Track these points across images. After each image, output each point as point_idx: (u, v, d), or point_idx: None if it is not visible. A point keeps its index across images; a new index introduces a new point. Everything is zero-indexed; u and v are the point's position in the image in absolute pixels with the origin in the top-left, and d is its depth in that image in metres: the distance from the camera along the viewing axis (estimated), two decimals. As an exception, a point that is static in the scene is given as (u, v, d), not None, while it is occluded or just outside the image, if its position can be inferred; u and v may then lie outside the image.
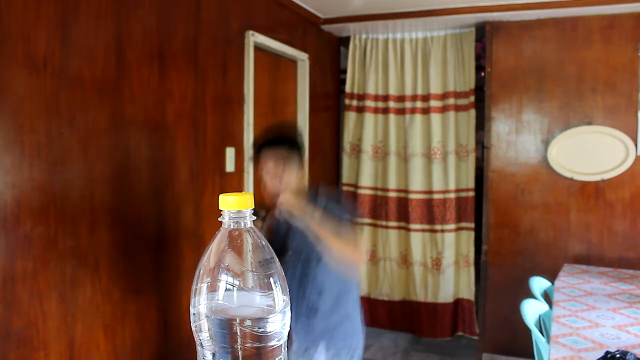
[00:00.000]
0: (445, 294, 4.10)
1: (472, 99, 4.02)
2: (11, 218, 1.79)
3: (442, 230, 4.09)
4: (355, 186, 4.31)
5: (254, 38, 3.10)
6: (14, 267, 1.80)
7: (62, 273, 1.97)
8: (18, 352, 1.81)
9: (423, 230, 4.14)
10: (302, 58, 3.76)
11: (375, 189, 4.29)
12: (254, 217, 0.64)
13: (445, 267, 4.11)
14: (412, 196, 4.13)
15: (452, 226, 4.10)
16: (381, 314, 4.33)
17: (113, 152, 2.20)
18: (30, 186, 1.85)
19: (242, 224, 0.62)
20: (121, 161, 2.24)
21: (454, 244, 4.11)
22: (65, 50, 1.96)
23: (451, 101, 4.05)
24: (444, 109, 4.07)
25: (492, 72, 3.83)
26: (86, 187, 2.07)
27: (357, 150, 4.32)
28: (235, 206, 0.62)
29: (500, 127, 3.85)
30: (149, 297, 2.42)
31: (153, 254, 2.44)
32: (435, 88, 4.07)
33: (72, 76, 2.00)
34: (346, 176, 4.35)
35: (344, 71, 4.43)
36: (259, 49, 3.24)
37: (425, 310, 4.16)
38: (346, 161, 4.34)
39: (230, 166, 2.94)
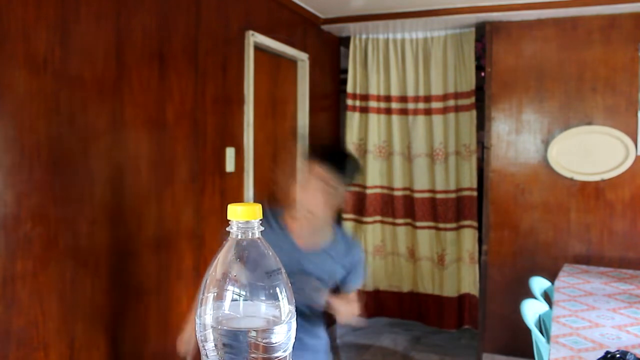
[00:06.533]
0: (450, 289, 4.18)
1: (473, 99, 4.04)
2: (11, 218, 1.79)
3: (445, 229, 4.16)
4: (363, 186, 4.35)
5: (254, 38, 3.10)
6: (14, 267, 1.80)
7: (62, 273, 1.97)
8: (18, 352, 1.81)
9: (429, 228, 4.22)
10: (302, 58, 3.76)
11: (382, 187, 4.34)
12: (262, 228, 0.64)
13: (449, 263, 4.17)
14: (417, 195, 4.22)
15: (453, 224, 4.16)
16: (391, 305, 4.41)
17: (113, 152, 2.20)
18: (30, 186, 1.85)
19: (250, 234, 0.62)
20: (121, 161, 2.24)
21: (456, 242, 4.17)
22: (65, 50, 1.96)
23: (452, 102, 4.08)
24: (445, 111, 4.11)
25: (492, 72, 3.83)
26: (86, 187, 2.07)
27: (362, 150, 4.35)
28: (244, 216, 0.62)
29: (500, 127, 3.85)
30: (149, 297, 2.42)
31: (153, 254, 2.44)
32: (436, 89, 4.11)
33: (72, 76, 2.00)
34: None
35: (344, 71, 4.43)
36: (259, 49, 3.24)
37: (432, 302, 4.25)
38: None
39: (230, 166, 2.94)
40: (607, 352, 1.58)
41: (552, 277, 3.09)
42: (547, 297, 2.94)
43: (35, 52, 1.85)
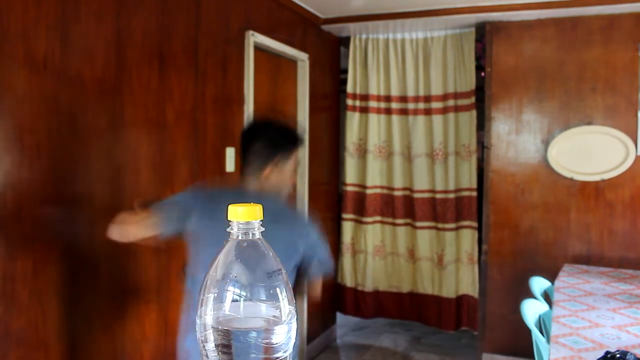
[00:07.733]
0: (448, 289, 4.17)
1: (473, 99, 4.03)
2: (11, 218, 1.79)
3: (444, 229, 4.15)
4: (363, 186, 4.35)
5: (254, 38, 3.10)
6: (14, 267, 1.80)
7: (62, 273, 1.97)
8: (18, 352, 1.81)
9: (429, 228, 4.22)
10: (302, 58, 3.76)
11: (382, 187, 4.34)
12: (262, 229, 0.64)
13: (447, 264, 4.16)
14: (417, 195, 4.21)
15: (452, 225, 4.15)
16: (390, 306, 4.40)
17: (113, 152, 2.20)
18: (30, 186, 1.85)
19: (251, 235, 0.63)
20: (121, 161, 2.24)
21: (455, 242, 4.16)
22: (65, 50, 1.96)
23: (451, 102, 4.08)
24: (444, 111, 4.10)
25: (492, 72, 3.83)
26: (86, 187, 2.07)
27: (362, 150, 4.35)
28: (244, 217, 0.62)
29: (500, 127, 3.85)
30: (149, 297, 2.42)
31: (153, 254, 2.44)
32: (436, 89, 4.10)
33: (72, 76, 2.00)
34: (351, 176, 4.36)
35: (344, 71, 4.43)
36: (259, 49, 3.24)
37: (432, 303, 4.25)
38: (350, 161, 4.36)
39: (230, 166, 2.94)
40: (607, 352, 1.58)
41: (552, 277, 3.09)
42: (547, 297, 2.94)
43: (35, 52, 1.85)
